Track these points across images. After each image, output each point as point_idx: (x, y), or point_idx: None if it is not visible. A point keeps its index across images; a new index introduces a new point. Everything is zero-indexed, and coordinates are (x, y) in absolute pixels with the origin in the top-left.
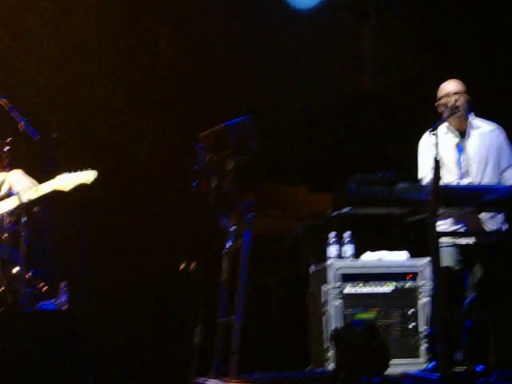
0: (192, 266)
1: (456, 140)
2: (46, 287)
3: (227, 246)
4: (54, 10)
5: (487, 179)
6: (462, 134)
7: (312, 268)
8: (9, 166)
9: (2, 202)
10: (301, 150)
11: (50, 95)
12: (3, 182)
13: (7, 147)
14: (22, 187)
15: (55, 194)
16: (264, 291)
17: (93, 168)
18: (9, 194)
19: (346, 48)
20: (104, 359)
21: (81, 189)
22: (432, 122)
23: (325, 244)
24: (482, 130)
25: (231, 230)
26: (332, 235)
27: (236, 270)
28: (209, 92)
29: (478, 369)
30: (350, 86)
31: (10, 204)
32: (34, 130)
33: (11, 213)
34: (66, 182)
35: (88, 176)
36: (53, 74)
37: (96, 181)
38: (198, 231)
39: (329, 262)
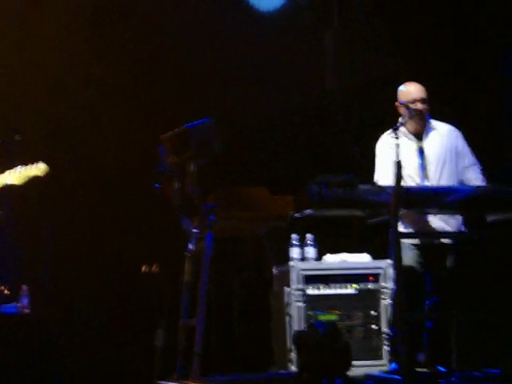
0: (154, 268)
1: (416, 144)
2: (7, 291)
3: (190, 248)
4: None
5: (444, 181)
6: (419, 137)
7: (275, 270)
8: None
9: None
10: (262, 152)
11: (12, 95)
12: None
13: None
14: None
15: (15, 195)
16: (227, 293)
17: (56, 168)
18: None
19: (309, 49)
20: (68, 362)
21: (42, 190)
22: (390, 123)
23: (287, 246)
24: (440, 132)
25: (194, 232)
26: (294, 237)
27: (198, 272)
28: (171, 93)
29: (439, 369)
30: (312, 88)
31: None
32: None
33: None
34: (16, 175)
35: (38, 169)
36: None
37: (59, 182)
38: (161, 233)
39: (291, 263)
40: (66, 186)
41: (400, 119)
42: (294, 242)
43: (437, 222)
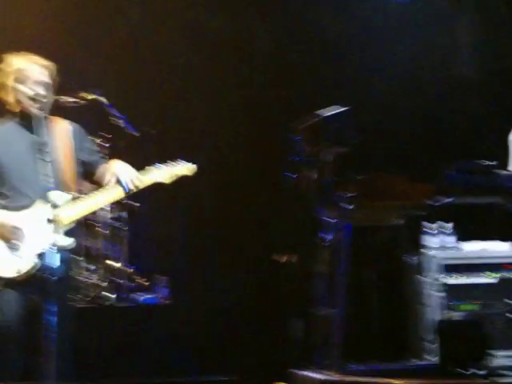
0: (288, 257)
1: None
2: (147, 282)
3: (326, 237)
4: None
5: None
6: None
7: (412, 259)
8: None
9: (106, 191)
10: (400, 140)
11: (147, 91)
12: (105, 172)
13: (107, 144)
14: (126, 176)
15: (155, 188)
16: (362, 282)
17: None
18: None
19: (444, 36)
20: (203, 352)
21: (180, 183)
22: None
23: (425, 235)
24: None
25: (331, 222)
26: (433, 225)
27: (334, 261)
28: (304, 84)
29: None
30: (446, 75)
31: (115, 193)
32: (132, 127)
33: (112, 208)
34: (165, 173)
35: (187, 168)
36: (149, 71)
37: (194, 175)
38: (292, 222)
39: (430, 252)
40: (201, 178)
41: None
42: (431, 231)
43: None
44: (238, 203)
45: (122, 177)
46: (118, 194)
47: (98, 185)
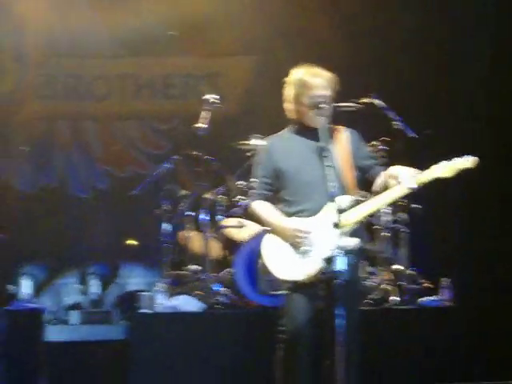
0: None
1: None
2: (428, 284)
3: None
4: None
5: None
6: None
7: None
8: (387, 166)
9: (385, 193)
10: None
11: (420, 92)
12: (382, 175)
13: (383, 146)
14: (406, 175)
15: (436, 189)
16: None
17: None
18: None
19: None
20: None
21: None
22: None
23: None
24: None
25: None
26: None
27: None
28: None
29: None
30: None
31: (395, 193)
32: (410, 128)
33: (393, 211)
34: (444, 169)
35: (469, 161)
36: (421, 73)
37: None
38: None
39: None
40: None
41: None
42: None
43: None
44: None
45: (401, 176)
46: (396, 194)
47: (372, 189)
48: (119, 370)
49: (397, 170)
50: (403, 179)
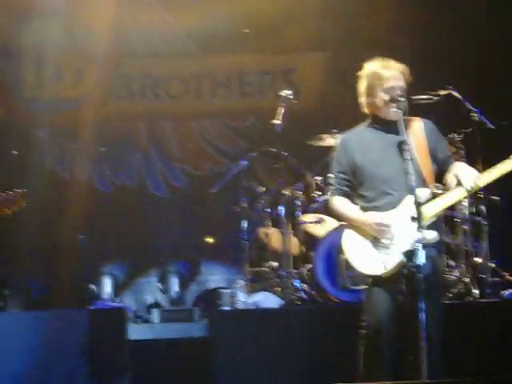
0: None
1: None
2: (509, 276)
3: None
4: None
5: None
6: None
7: None
8: (465, 158)
9: (452, 192)
10: None
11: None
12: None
13: (463, 138)
14: (466, 176)
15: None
16: None
17: None
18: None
19: None
20: None
21: None
22: None
23: None
24: None
25: None
26: None
27: None
28: None
29: None
30: None
31: (458, 194)
32: (489, 120)
33: (471, 203)
34: (491, 172)
35: None
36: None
37: None
38: None
39: None
40: None
41: None
42: None
43: None
44: None
45: (461, 177)
46: (459, 193)
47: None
48: (201, 368)
49: (457, 170)
50: (463, 181)
